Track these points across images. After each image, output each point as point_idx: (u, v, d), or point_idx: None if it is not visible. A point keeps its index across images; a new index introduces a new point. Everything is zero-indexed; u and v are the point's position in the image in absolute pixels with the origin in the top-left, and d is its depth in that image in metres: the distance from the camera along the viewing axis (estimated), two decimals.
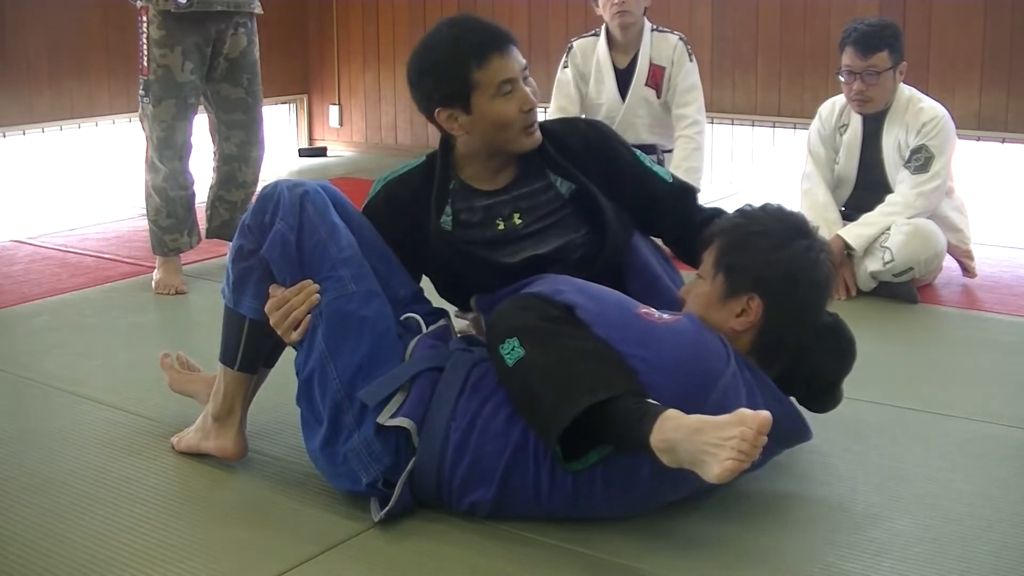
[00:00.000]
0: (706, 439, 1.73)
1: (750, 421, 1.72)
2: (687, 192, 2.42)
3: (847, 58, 3.61)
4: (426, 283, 2.38)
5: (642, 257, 2.34)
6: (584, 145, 2.33)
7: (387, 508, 2.01)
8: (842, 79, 3.66)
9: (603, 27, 4.19)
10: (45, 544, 1.99)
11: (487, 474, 1.99)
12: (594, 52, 4.19)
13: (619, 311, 2.00)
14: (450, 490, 2.03)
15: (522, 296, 2.05)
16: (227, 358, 2.26)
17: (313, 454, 2.13)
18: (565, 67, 4.25)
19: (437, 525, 2.05)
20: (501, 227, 2.28)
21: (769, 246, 2.03)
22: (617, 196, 2.31)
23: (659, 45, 4.15)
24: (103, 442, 2.45)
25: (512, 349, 1.94)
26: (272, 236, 2.13)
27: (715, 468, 1.71)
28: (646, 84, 4.15)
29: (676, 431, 1.77)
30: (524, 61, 2.21)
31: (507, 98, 2.16)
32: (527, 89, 2.19)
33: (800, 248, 2.04)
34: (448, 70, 2.16)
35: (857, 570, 1.90)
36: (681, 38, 4.18)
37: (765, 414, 1.72)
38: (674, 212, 2.37)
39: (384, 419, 2.01)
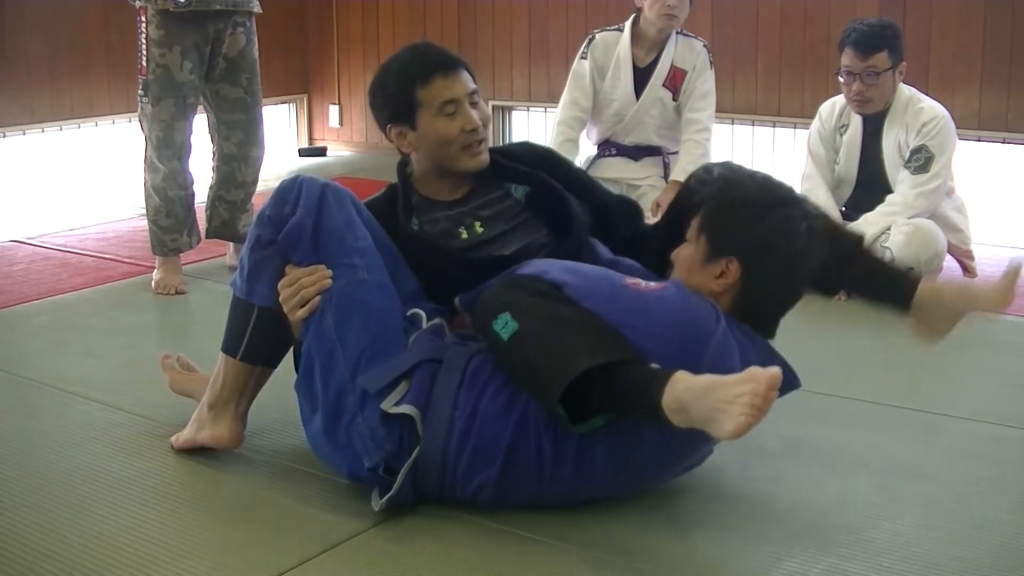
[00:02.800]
0: (719, 396, 1.77)
1: (760, 378, 1.75)
2: (633, 205, 2.54)
3: (846, 59, 3.61)
4: None
5: (598, 248, 2.39)
6: (535, 157, 2.47)
7: (389, 494, 2.02)
8: (841, 80, 3.66)
9: (628, 22, 4.17)
10: (45, 544, 1.99)
11: (491, 456, 2.01)
12: (616, 47, 4.18)
13: (607, 284, 2.04)
14: (454, 476, 2.04)
15: (508, 277, 2.08)
16: (230, 347, 2.27)
17: (314, 438, 2.14)
18: (583, 58, 4.21)
19: (439, 524, 2.05)
20: (464, 235, 2.36)
21: (750, 213, 2.09)
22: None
23: (684, 49, 4.15)
24: (103, 442, 2.45)
25: (506, 324, 1.97)
26: (291, 224, 2.16)
27: (728, 424, 1.75)
28: (664, 85, 4.15)
29: (687, 391, 1.81)
30: (474, 86, 2.33)
31: (450, 118, 2.28)
32: (473, 112, 2.30)
33: (780, 216, 2.08)
34: (396, 88, 2.31)
35: (857, 570, 1.90)
36: (705, 44, 4.19)
37: (775, 370, 1.76)
38: (624, 220, 2.46)
39: (388, 406, 2.02)
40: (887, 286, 2.25)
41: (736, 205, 2.11)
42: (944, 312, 2.20)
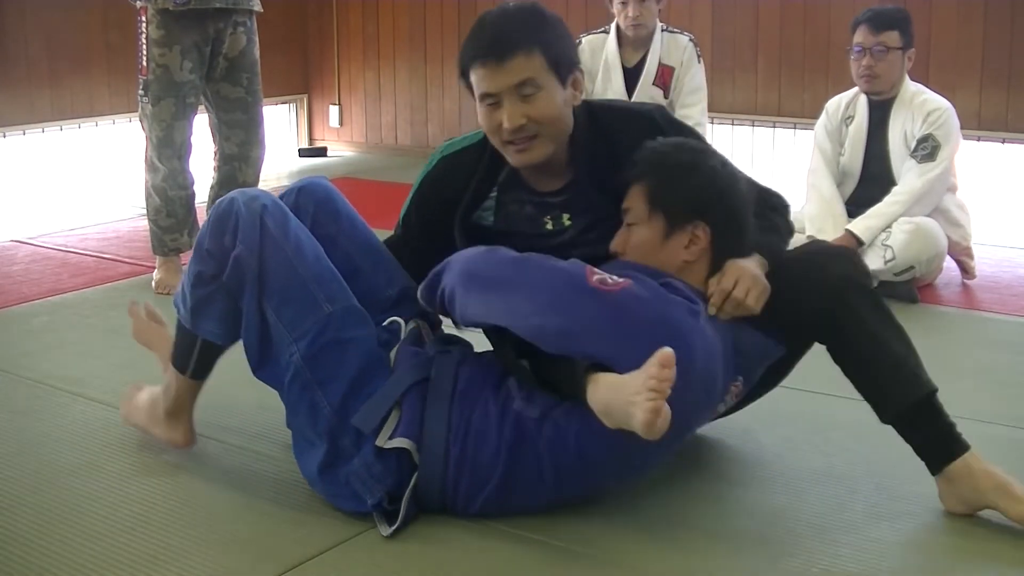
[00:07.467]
0: (629, 390, 1.78)
1: (651, 360, 1.75)
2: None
3: (859, 35, 3.66)
4: None
5: None
6: (636, 130, 2.19)
7: (395, 526, 2.00)
8: (851, 57, 3.69)
9: (613, 25, 4.18)
10: (45, 544, 1.99)
11: (489, 474, 2.00)
12: (603, 50, 4.18)
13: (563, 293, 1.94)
14: (455, 499, 2.03)
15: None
16: (179, 365, 2.26)
17: (311, 478, 2.11)
18: None
19: (438, 524, 2.04)
20: (549, 226, 2.21)
21: (696, 174, 2.10)
22: None
23: (670, 46, 4.16)
24: (103, 442, 2.45)
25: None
26: (233, 262, 2.08)
27: (640, 416, 1.75)
28: (654, 83, 4.15)
29: (607, 390, 1.83)
30: (525, 76, 2.04)
31: (487, 110, 2.09)
32: (513, 109, 2.05)
33: (717, 166, 2.13)
34: (460, 66, 2.13)
35: (857, 570, 1.90)
36: (691, 39, 4.19)
37: (665, 350, 1.75)
38: None
39: (383, 442, 2.00)
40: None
41: (678, 171, 2.10)
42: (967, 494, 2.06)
